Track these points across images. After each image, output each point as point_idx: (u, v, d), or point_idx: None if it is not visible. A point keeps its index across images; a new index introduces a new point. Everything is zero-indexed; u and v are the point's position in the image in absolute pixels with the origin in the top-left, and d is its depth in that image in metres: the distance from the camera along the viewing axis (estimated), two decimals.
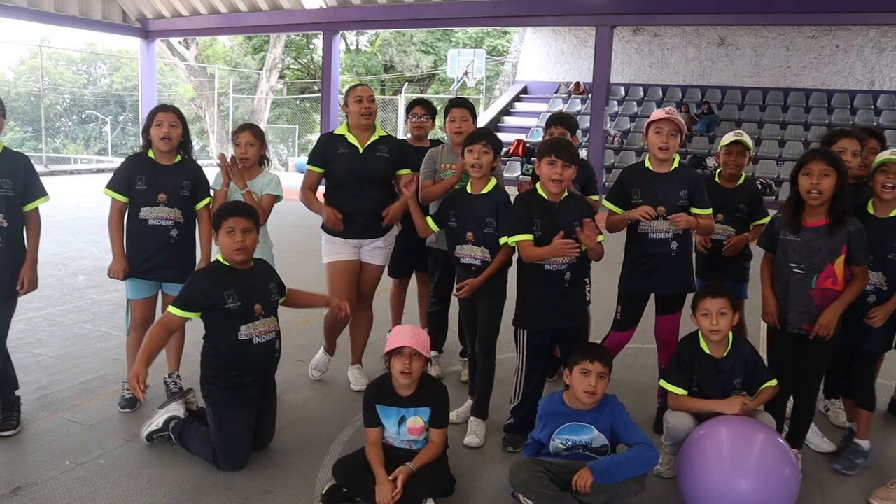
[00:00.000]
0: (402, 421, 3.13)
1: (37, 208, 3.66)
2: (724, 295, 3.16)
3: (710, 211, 3.69)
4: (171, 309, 3.25)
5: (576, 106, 20.77)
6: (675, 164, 3.73)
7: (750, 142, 4.09)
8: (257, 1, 18.31)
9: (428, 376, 3.28)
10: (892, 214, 3.44)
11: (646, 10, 15.28)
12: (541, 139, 18.95)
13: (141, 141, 3.99)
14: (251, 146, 4.12)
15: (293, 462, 3.41)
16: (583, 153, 16.61)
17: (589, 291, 4.32)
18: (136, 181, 3.84)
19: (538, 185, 3.54)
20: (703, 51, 21.06)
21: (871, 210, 3.49)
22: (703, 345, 3.22)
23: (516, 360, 3.67)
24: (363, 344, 4.46)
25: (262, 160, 4.23)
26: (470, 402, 3.86)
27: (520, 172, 16.77)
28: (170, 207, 3.83)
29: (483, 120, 21.79)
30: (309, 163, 4.23)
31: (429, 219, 3.87)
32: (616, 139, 18.85)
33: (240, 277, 3.29)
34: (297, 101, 33.67)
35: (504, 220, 3.62)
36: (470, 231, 3.67)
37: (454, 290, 3.81)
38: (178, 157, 3.93)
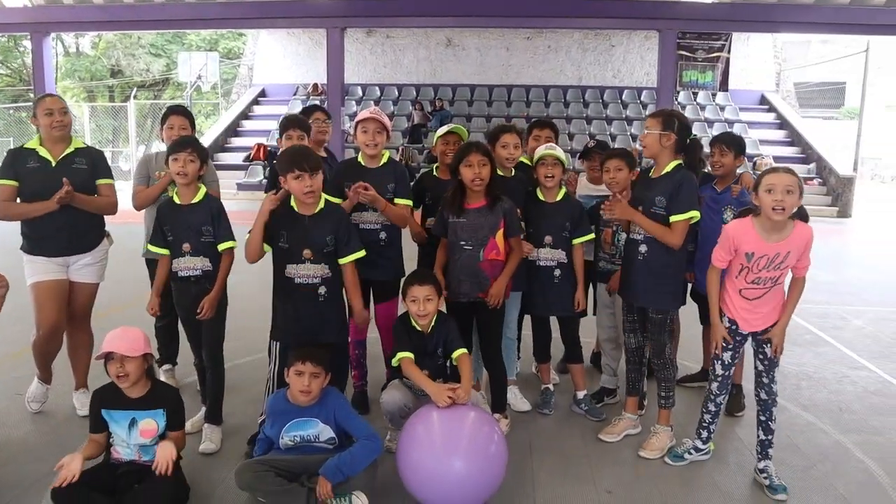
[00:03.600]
0: (133, 423, 3.10)
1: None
2: (429, 282, 3.48)
3: (408, 201, 4.00)
4: None
5: None
6: (384, 159, 4.01)
7: (464, 131, 4.45)
8: None
9: (159, 381, 3.28)
10: (558, 199, 4.06)
11: (373, 13, 15.85)
12: (276, 143, 18.97)
13: None
14: None
15: (10, 502, 3.19)
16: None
17: None
18: None
19: (291, 196, 3.48)
20: (433, 51, 22.27)
21: (540, 197, 4.07)
22: (413, 322, 3.51)
23: (269, 371, 3.66)
24: (86, 366, 4.23)
25: None
26: (203, 409, 3.86)
27: (262, 177, 16.58)
28: None
29: (221, 124, 21.19)
30: None
31: (150, 247, 3.75)
32: (353, 138, 19.29)
33: None
34: (11, 111, 30.15)
35: (223, 225, 3.65)
36: (187, 242, 3.63)
37: (198, 313, 3.62)
38: None
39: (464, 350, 3.48)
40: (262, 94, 22.93)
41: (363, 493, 3.06)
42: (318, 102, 20.56)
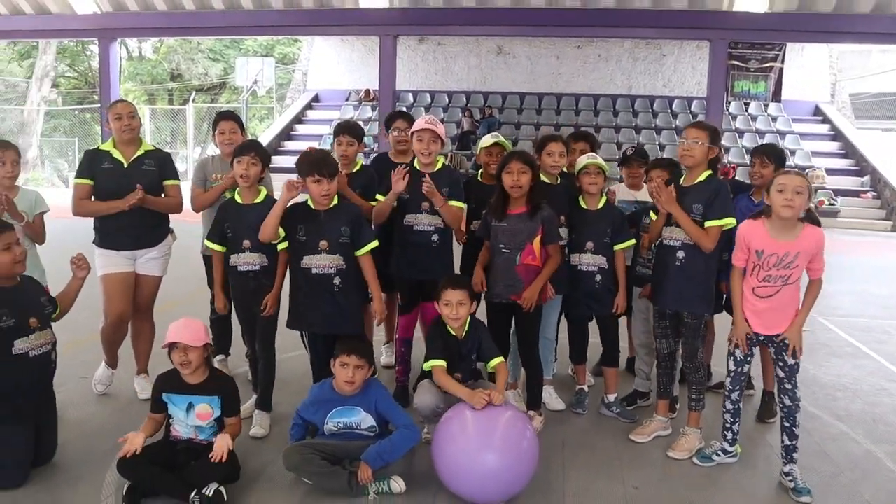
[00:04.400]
0: (190, 407, 3.37)
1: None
2: (463, 287, 3.64)
3: (461, 204, 4.20)
4: None
5: (367, 113, 21.33)
6: (439, 165, 4.22)
7: (508, 143, 4.65)
8: (19, 3, 16.99)
9: (217, 370, 3.57)
10: (599, 206, 4.22)
11: (427, 21, 16.14)
12: (331, 147, 19.43)
13: None
14: (17, 165, 4.08)
15: (78, 473, 3.47)
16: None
17: None
18: None
19: (308, 196, 3.78)
20: (483, 59, 22.47)
21: (583, 205, 4.23)
22: (448, 327, 3.67)
23: (309, 359, 3.98)
24: (147, 353, 4.54)
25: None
26: (254, 397, 4.11)
27: None
28: None
29: (275, 128, 21.73)
30: (77, 177, 4.29)
31: (207, 243, 4.03)
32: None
33: (10, 294, 3.34)
34: (76, 112, 31.39)
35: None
36: (246, 240, 3.88)
37: (262, 311, 3.89)
38: None
39: (501, 359, 3.65)
40: (316, 98, 23.45)
41: (401, 478, 3.28)
42: (369, 107, 20.98)
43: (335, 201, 3.78)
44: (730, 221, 3.68)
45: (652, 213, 3.99)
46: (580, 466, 3.69)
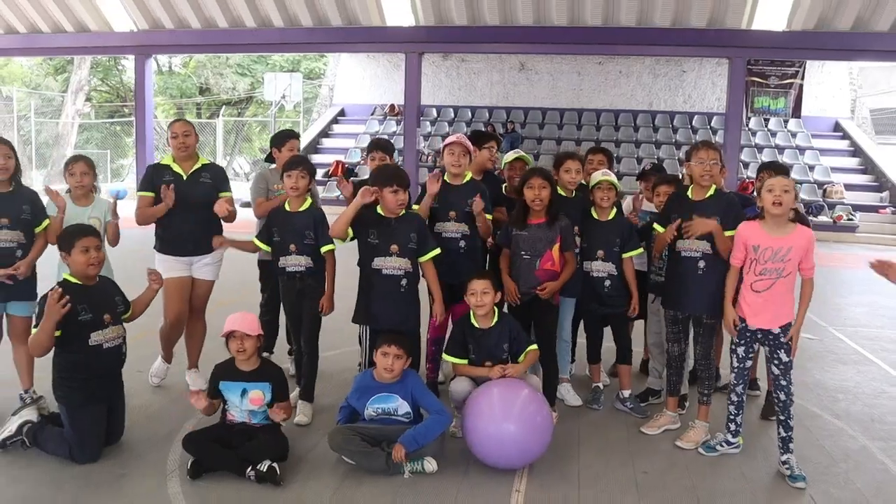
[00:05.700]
0: (244, 393, 3.77)
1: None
2: (487, 277, 4.07)
3: (489, 216, 4.56)
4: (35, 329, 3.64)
5: (391, 127, 21.81)
6: (467, 178, 4.62)
7: (530, 158, 5.04)
8: (60, 21, 17.71)
9: (267, 360, 4.00)
10: (610, 217, 4.61)
11: (451, 38, 16.59)
12: (360, 161, 19.96)
13: None
14: (86, 175, 4.53)
15: (143, 451, 3.90)
16: None
17: None
18: None
19: (378, 205, 4.14)
20: (506, 75, 22.91)
21: (595, 216, 4.62)
22: (473, 320, 4.09)
23: (360, 355, 4.35)
24: (198, 350, 4.97)
25: (93, 188, 4.65)
26: (297, 390, 4.51)
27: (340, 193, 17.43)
28: (12, 230, 4.17)
29: (302, 142, 22.24)
30: (140, 190, 4.73)
31: (255, 240, 4.48)
32: (429, 157, 20.07)
33: (90, 292, 3.77)
34: (108, 125, 32.26)
35: (324, 231, 4.30)
36: (292, 243, 4.30)
37: (321, 311, 4.32)
38: (13, 185, 4.25)
39: (535, 347, 4.10)
40: (342, 113, 24.01)
41: (434, 459, 3.67)
42: (394, 122, 21.41)
43: (402, 211, 4.17)
44: None
45: (656, 226, 4.35)
46: (594, 454, 4.06)
